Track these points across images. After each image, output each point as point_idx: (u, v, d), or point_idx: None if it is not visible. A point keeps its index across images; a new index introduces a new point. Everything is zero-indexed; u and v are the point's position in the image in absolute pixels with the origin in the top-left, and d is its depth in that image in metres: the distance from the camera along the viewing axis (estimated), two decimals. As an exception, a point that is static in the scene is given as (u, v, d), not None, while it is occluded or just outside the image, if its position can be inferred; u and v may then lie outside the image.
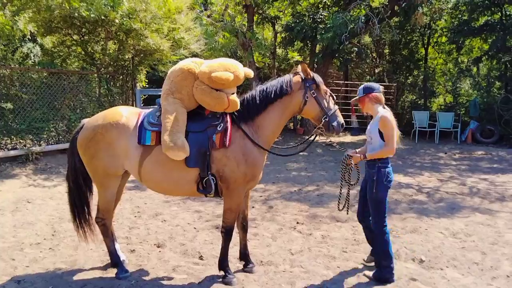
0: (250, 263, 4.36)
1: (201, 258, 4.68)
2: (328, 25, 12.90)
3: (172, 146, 3.61)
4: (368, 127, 4.20)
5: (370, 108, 4.19)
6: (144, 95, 13.02)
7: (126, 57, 11.75)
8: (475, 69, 20.38)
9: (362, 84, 4.36)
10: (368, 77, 21.30)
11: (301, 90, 4.03)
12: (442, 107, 19.52)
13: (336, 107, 4.14)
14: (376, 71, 21.78)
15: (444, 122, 15.52)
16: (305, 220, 6.17)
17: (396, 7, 13.71)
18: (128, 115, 3.99)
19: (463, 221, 6.16)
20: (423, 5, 14.03)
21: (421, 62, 21.47)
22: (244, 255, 4.39)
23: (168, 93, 3.85)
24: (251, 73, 4.06)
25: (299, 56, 19.74)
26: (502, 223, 6.02)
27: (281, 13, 17.17)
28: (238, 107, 3.95)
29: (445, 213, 6.56)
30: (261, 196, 7.64)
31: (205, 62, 3.97)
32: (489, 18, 19.52)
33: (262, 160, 4.05)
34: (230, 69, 3.83)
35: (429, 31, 20.88)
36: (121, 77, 12.10)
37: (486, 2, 18.37)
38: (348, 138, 16.02)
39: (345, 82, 20.06)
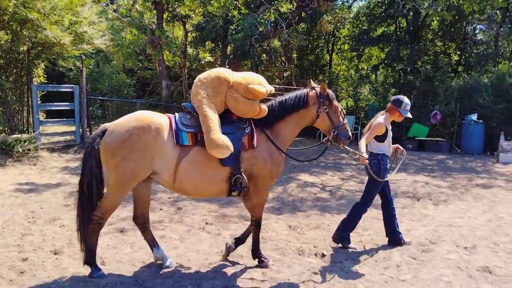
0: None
1: (103, 263, 4.44)
2: (239, 27, 13.06)
3: (221, 144, 3.85)
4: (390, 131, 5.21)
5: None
6: (42, 91, 12.01)
7: (21, 49, 10.74)
8: (373, 76, 22.00)
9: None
10: (277, 80, 21.94)
11: (315, 105, 4.50)
12: (345, 110, 20.77)
13: (346, 121, 4.66)
14: (285, 74, 22.53)
15: (346, 125, 16.50)
16: (214, 220, 6.16)
17: (303, 14, 14.29)
18: (159, 117, 4.12)
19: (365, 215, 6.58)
20: (327, 13, 14.80)
21: (326, 68, 22.66)
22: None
23: (205, 97, 4.12)
24: (273, 90, 4.42)
25: (211, 57, 19.73)
26: (394, 217, 6.55)
27: (192, 12, 17.02)
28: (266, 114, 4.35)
29: (345, 210, 6.94)
30: (170, 198, 7.48)
31: (237, 73, 4.35)
32: (386, 29, 21.22)
33: (283, 161, 4.47)
34: (263, 83, 4.27)
35: (333, 38, 22.13)
36: (14, 70, 11.05)
37: (383, 14, 19.95)
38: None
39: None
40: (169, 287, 3.93)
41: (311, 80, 4.79)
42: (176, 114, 4.23)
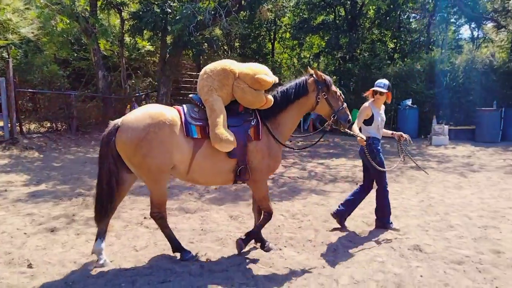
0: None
1: (30, 266, 4.16)
2: (177, 16, 12.71)
3: (225, 139, 3.99)
4: (383, 115, 5.48)
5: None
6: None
7: None
8: (315, 64, 22.39)
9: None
10: (220, 69, 21.72)
11: (314, 92, 4.57)
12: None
13: (345, 105, 4.72)
14: (228, 63, 22.36)
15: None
16: (153, 214, 5.98)
17: (243, 1, 14.17)
18: (171, 111, 4.15)
19: (302, 202, 6.69)
20: (267, 1, 14.77)
21: (269, 56, 22.75)
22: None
23: (212, 90, 4.18)
24: (277, 80, 4.48)
25: (151, 46, 19.13)
26: (333, 202, 6.71)
27: (129, 0, 16.35)
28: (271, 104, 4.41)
29: (286, 196, 7.04)
30: (107, 193, 7.17)
31: (242, 64, 4.40)
32: (325, 17, 21.59)
33: (281, 154, 4.57)
34: (268, 73, 4.33)
35: (274, 27, 22.21)
36: None
37: (322, 2, 20.27)
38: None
39: (198, 73, 20.16)
40: (101, 287, 3.75)
41: (308, 67, 4.84)
42: (184, 106, 4.29)
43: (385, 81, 5.39)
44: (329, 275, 4.00)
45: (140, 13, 14.24)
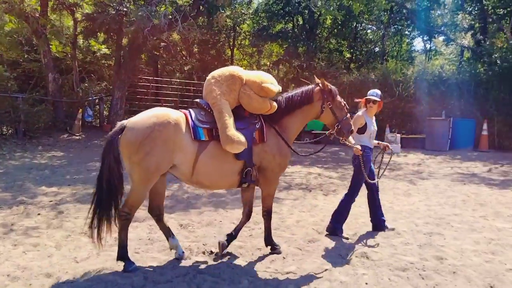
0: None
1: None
2: (132, 18, 12.44)
3: (237, 140, 4.13)
4: (374, 124, 5.67)
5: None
6: None
7: None
8: (275, 71, 22.54)
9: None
10: (178, 74, 21.47)
11: (320, 101, 4.75)
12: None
13: (348, 115, 4.87)
14: (186, 68, 22.14)
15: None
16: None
17: (201, 7, 14.07)
18: (176, 113, 4.26)
19: (255, 210, 6.60)
20: (225, 7, 14.75)
21: (228, 63, 22.68)
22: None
23: (221, 94, 4.35)
24: (281, 89, 4.68)
25: (107, 49, 18.63)
26: (286, 210, 6.70)
27: (82, 1, 15.85)
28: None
29: (239, 204, 6.94)
30: (51, 201, 6.85)
31: (250, 72, 4.64)
32: (284, 26, 21.84)
33: (290, 154, 4.75)
34: (274, 83, 4.56)
35: (234, 33, 22.22)
36: None
37: (281, 11, 20.50)
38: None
39: (155, 78, 19.79)
40: (34, 302, 3.52)
41: (315, 76, 4.96)
42: (191, 110, 4.40)
43: (377, 91, 5.68)
44: (275, 285, 3.95)
45: (94, 14, 13.84)
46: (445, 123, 15.61)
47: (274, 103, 4.59)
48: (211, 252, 4.76)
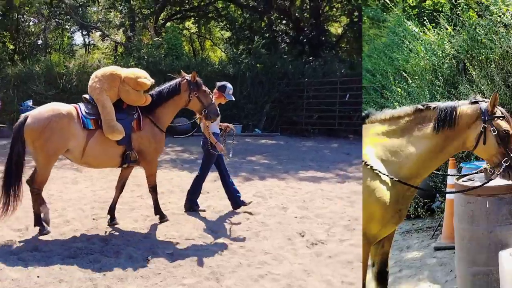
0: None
1: None
2: None
3: (115, 130, 5.04)
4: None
5: None
6: None
7: None
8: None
9: None
10: None
11: (186, 91, 5.52)
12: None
13: (214, 101, 5.77)
14: None
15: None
16: None
17: None
18: (68, 107, 5.14)
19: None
20: None
21: None
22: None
23: (103, 90, 5.17)
24: (153, 82, 5.49)
25: None
26: None
27: None
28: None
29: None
30: None
31: (126, 69, 5.59)
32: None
33: (164, 139, 5.73)
34: (147, 77, 5.40)
35: None
36: None
37: None
38: None
39: None
40: None
41: (181, 70, 5.84)
42: (80, 104, 5.23)
43: (225, 83, 6.41)
44: None
45: None
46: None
47: (149, 96, 5.43)
48: None
